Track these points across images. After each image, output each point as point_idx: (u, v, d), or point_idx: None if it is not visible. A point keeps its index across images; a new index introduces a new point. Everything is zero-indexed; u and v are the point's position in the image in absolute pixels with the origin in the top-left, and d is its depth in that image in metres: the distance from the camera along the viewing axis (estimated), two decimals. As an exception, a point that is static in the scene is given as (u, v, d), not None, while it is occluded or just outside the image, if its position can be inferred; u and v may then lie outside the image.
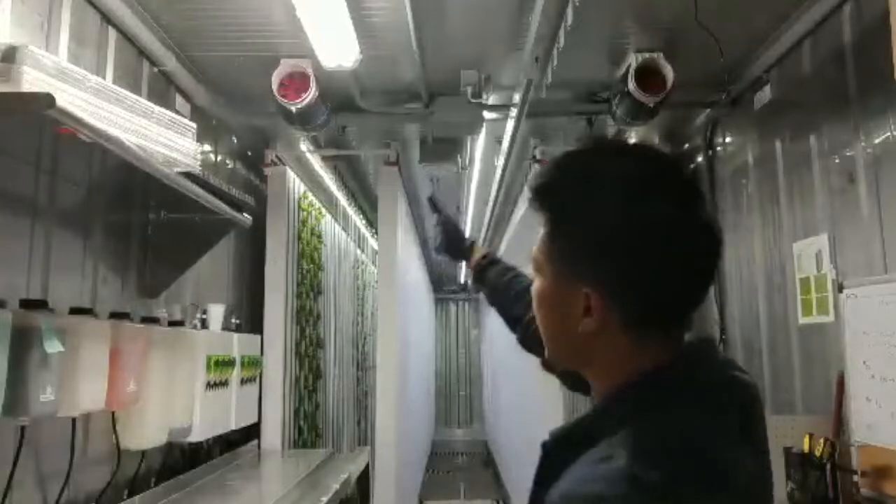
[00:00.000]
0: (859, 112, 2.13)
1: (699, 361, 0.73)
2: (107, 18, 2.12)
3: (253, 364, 2.96)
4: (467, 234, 1.61)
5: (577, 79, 2.91)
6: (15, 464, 1.57)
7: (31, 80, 1.35)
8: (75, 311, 1.80)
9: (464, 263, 1.50)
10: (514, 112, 2.93)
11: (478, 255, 1.46)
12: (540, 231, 0.77)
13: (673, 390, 0.69)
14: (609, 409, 0.71)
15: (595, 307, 0.70)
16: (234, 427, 2.74)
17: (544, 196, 0.75)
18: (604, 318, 0.70)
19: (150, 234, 2.34)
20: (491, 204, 4.76)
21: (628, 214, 0.68)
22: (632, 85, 2.59)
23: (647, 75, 2.59)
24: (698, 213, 0.71)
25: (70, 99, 1.42)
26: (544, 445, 0.74)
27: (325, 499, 2.39)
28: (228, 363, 2.61)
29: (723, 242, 0.72)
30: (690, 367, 0.72)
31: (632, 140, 3.41)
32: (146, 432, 2.08)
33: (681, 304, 0.72)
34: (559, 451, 0.71)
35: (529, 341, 1.18)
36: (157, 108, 1.82)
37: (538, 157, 3.56)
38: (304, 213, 3.81)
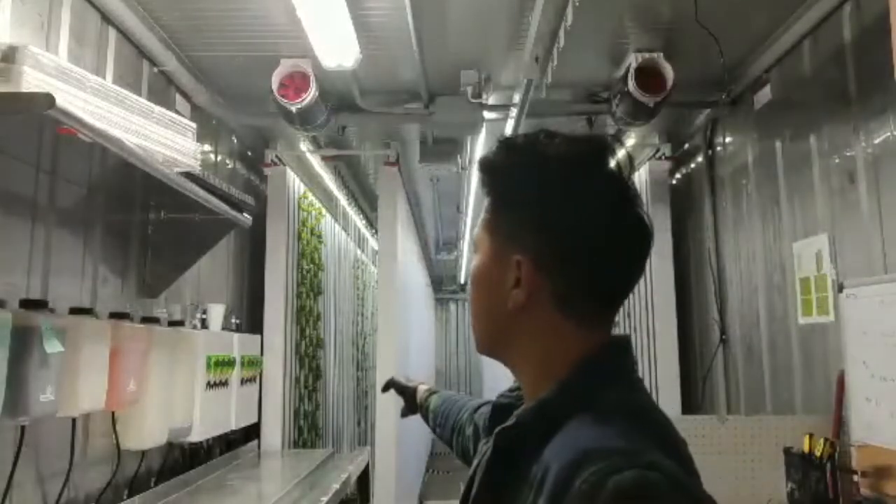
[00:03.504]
0: (859, 112, 2.13)
1: (628, 353, 0.74)
2: (107, 18, 2.12)
3: (253, 364, 2.96)
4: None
5: (577, 79, 2.91)
6: (15, 464, 1.57)
7: (31, 80, 1.35)
8: (75, 311, 1.80)
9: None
10: (514, 112, 2.93)
11: (422, 391, 1.43)
12: (484, 209, 0.79)
13: (621, 373, 0.71)
14: (571, 389, 0.69)
15: (525, 276, 0.71)
16: (234, 427, 2.74)
17: (491, 172, 0.78)
18: (532, 289, 0.71)
19: (150, 234, 2.34)
20: (491, 204, 4.74)
21: (567, 190, 0.71)
22: (632, 85, 2.58)
23: (647, 75, 2.59)
24: (632, 202, 0.73)
25: (70, 99, 1.42)
26: (507, 438, 0.70)
27: (325, 499, 2.39)
28: (228, 363, 2.61)
29: (653, 235, 0.73)
30: (624, 358, 0.73)
31: (630, 140, 3.44)
32: (146, 432, 2.08)
33: (610, 286, 0.73)
34: (518, 443, 0.69)
35: (462, 449, 1.18)
36: (157, 108, 1.82)
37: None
38: (304, 213, 3.81)
